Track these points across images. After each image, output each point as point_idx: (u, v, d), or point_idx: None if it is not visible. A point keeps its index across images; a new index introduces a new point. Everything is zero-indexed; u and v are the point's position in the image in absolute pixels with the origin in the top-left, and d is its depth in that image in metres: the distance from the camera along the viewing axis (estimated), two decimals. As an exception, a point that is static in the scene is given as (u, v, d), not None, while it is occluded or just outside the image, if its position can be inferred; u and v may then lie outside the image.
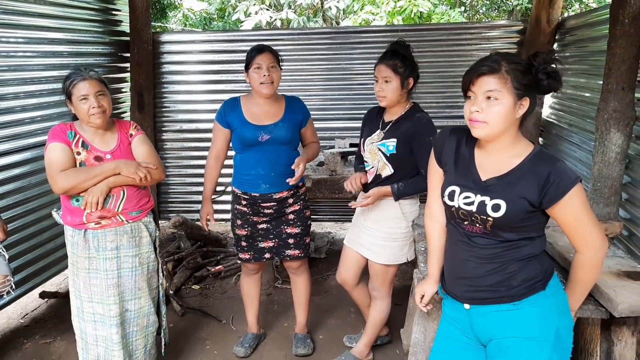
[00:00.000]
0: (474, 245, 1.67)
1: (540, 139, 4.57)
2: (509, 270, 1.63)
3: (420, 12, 8.07)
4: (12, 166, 3.48)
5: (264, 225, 2.92)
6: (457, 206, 1.67)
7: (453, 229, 1.75)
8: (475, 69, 1.58)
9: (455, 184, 1.70)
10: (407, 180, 2.61)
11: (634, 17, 2.60)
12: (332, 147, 4.49)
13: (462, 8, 10.74)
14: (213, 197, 2.98)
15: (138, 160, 2.51)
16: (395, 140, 2.60)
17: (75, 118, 2.51)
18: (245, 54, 2.83)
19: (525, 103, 1.56)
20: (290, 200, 2.90)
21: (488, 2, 10.63)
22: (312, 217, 5.03)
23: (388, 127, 2.65)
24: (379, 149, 2.65)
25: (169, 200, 5.28)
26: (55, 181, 2.34)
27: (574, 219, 1.57)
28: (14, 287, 2.63)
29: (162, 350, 2.80)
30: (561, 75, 1.57)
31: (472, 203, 1.63)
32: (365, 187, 2.75)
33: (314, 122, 3.05)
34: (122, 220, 2.45)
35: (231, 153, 2.93)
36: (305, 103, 3.01)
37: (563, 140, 4.05)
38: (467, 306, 1.72)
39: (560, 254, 2.16)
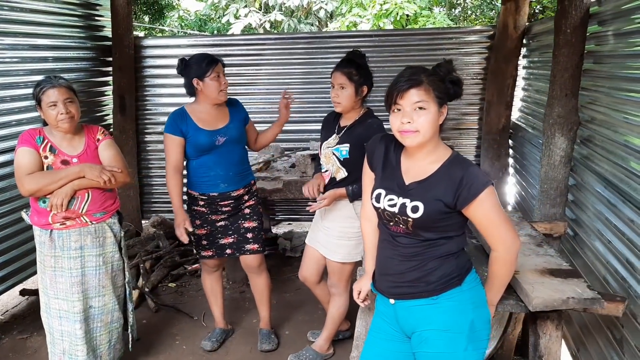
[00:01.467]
0: (398, 244, 1.80)
1: (510, 141, 4.69)
2: (427, 267, 1.75)
3: (407, 14, 8.19)
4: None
5: (222, 223, 3.05)
6: (382, 208, 1.79)
7: (381, 229, 1.88)
8: (400, 84, 1.70)
9: (381, 187, 1.83)
10: (360, 182, 2.74)
11: (575, 27, 2.73)
12: (307, 148, 4.62)
13: (454, 10, 10.86)
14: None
15: (104, 163, 2.64)
16: (348, 145, 2.73)
17: (45, 123, 2.64)
18: (227, 58, 3.00)
19: (445, 110, 1.70)
20: (246, 197, 3.05)
21: (479, 2, 10.76)
22: (288, 216, 5.19)
23: (343, 132, 2.79)
24: (333, 154, 2.78)
25: (151, 200, 5.42)
26: (22, 184, 2.47)
27: (485, 219, 1.69)
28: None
29: (130, 346, 2.93)
30: (462, 82, 1.71)
31: (395, 205, 1.75)
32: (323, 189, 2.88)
33: (290, 125, 3.19)
34: (86, 222, 2.58)
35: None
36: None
37: (527, 143, 4.17)
38: (392, 301, 1.84)
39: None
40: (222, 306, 3.35)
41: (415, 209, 1.71)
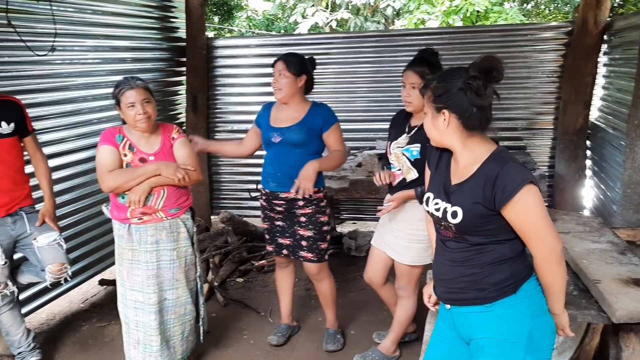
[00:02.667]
0: (447, 249, 1.75)
1: (587, 142, 4.48)
2: (478, 273, 1.68)
3: (477, 11, 7.98)
4: (78, 163, 3.86)
5: (280, 222, 3.08)
6: (430, 212, 1.76)
7: (436, 233, 1.85)
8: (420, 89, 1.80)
9: (430, 190, 1.80)
10: None
11: (666, 23, 2.56)
12: (373, 147, 4.60)
13: (526, 5, 10.48)
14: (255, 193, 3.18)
15: (179, 161, 2.73)
16: (419, 145, 2.67)
17: (124, 122, 2.76)
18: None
19: (445, 115, 1.66)
20: (300, 203, 2.97)
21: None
22: (353, 216, 5.16)
23: (413, 131, 2.74)
24: (404, 154, 2.74)
25: (221, 196, 5.58)
26: (103, 181, 2.60)
27: (521, 221, 1.59)
28: (70, 274, 2.94)
29: (201, 338, 3.02)
30: (482, 86, 1.60)
31: (439, 210, 1.71)
32: (391, 190, 2.85)
33: (357, 124, 3.12)
34: (162, 217, 2.68)
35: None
36: (352, 104, 3.11)
37: (607, 144, 3.96)
38: (448, 306, 1.80)
39: (573, 259, 2.19)
40: (290, 301, 3.39)
41: (454, 215, 1.66)
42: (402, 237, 2.83)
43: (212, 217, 5.52)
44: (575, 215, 2.77)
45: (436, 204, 1.74)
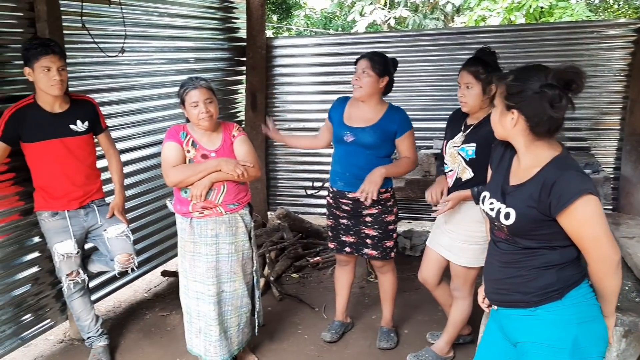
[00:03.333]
0: (498, 250, 1.76)
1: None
2: (524, 275, 1.68)
3: (541, 7, 7.75)
4: (144, 159, 4.04)
5: (344, 221, 3.12)
6: (485, 211, 1.76)
7: (490, 233, 1.84)
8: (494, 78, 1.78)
9: (487, 189, 1.80)
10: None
11: None
12: (430, 147, 4.57)
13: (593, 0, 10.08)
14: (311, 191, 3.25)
15: (239, 158, 2.82)
16: (474, 144, 2.66)
17: (188, 120, 2.88)
18: (353, 56, 3.06)
19: (514, 115, 1.63)
20: (367, 203, 2.96)
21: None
22: (408, 215, 5.14)
23: (469, 130, 2.73)
24: (459, 154, 2.73)
25: (277, 193, 5.69)
26: (167, 175, 2.73)
27: (577, 231, 1.58)
28: (137, 264, 3.10)
29: (256, 330, 3.11)
30: (558, 97, 1.56)
31: (493, 209, 1.71)
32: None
33: (415, 123, 3.06)
34: (221, 212, 2.78)
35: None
36: (409, 103, 3.10)
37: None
38: (494, 307, 1.80)
39: (637, 265, 2.12)
40: (346, 299, 3.44)
41: (507, 216, 1.66)
42: (458, 238, 2.82)
43: (268, 213, 5.64)
44: (641, 219, 2.68)
45: (491, 203, 1.74)
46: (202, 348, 2.92)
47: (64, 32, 3.20)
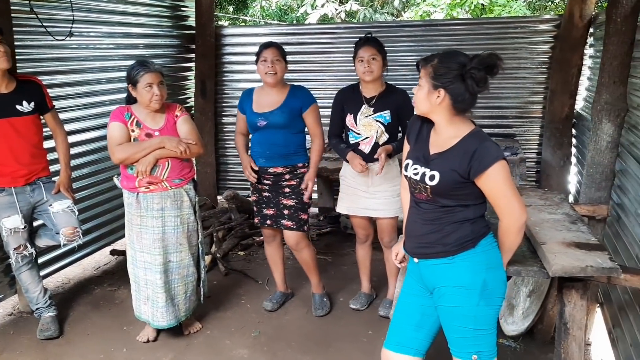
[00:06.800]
0: (420, 209, 2.02)
1: (573, 130, 4.70)
2: (445, 230, 1.96)
3: (482, 4, 8.15)
4: (92, 141, 4.17)
5: (266, 194, 3.36)
6: (409, 176, 2.03)
7: (410, 197, 2.11)
8: (419, 60, 1.97)
9: (410, 157, 2.06)
10: (400, 141, 3.14)
11: (625, 16, 2.79)
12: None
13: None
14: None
15: (182, 137, 3.01)
16: (388, 111, 3.10)
17: (128, 101, 3.04)
18: (302, 47, 3.29)
19: (440, 94, 1.88)
20: (287, 176, 3.28)
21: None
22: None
23: (374, 101, 3.11)
24: (377, 120, 3.10)
25: (227, 177, 5.89)
26: (113, 153, 2.90)
27: (494, 191, 1.87)
28: (81, 237, 3.25)
29: (202, 299, 3.33)
30: (482, 80, 1.83)
31: (417, 174, 1.98)
32: (365, 158, 3.17)
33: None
34: (167, 187, 2.98)
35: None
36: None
37: (588, 132, 4.17)
38: (416, 260, 2.07)
39: (528, 226, 2.43)
40: (282, 272, 3.68)
41: (432, 178, 1.92)
42: (385, 195, 3.20)
43: (218, 197, 5.83)
44: (541, 191, 3.02)
45: (415, 168, 2.00)
46: (149, 314, 3.12)
47: (12, 15, 3.30)
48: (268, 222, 3.41)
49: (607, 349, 3.02)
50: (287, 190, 3.32)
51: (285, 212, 3.34)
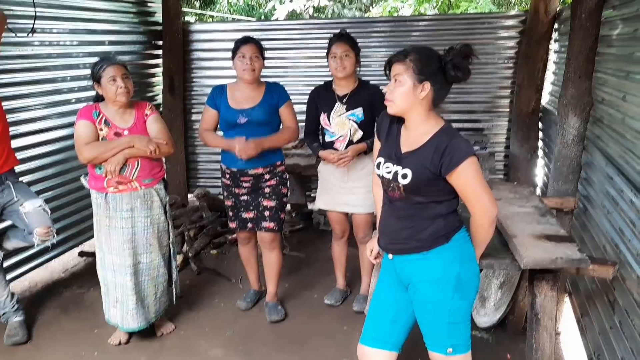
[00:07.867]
0: (394, 207, 2.04)
1: (540, 124, 4.79)
2: (418, 226, 1.98)
3: (449, 0, 8.24)
4: (58, 140, 4.07)
5: (245, 197, 3.28)
6: (381, 175, 2.03)
7: (383, 195, 2.12)
8: (390, 57, 1.95)
9: (382, 155, 2.06)
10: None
11: (590, 12, 2.86)
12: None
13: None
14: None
15: (152, 136, 2.96)
16: (361, 108, 3.09)
17: (96, 100, 2.97)
18: (271, 42, 3.23)
19: (425, 87, 1.87)
20: (267, 176, 3.21)
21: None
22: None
23: (347, 98, 3.10)
24: (350, 119, 3.10)
25: (197, 175, 5.82)
26: (80, 152, 2.84)
27: (465, 187, 1.89)
28: (55, 236, 3.15)
29: (174, 300, 3.28)
30: (465, 68, 1.86)
31: (390, 172, 1.99)
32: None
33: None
34: (136, 187, 2.92)
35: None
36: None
37: (554, 125, 4.27)
38: (390, 256, 2.09)
39: (499, 220, 2.47)
40: (256, 271, 3.65)
41: (404, 176, 1.93)
42: (361, 190, 3.21)
43: (188, 195, 5.76)
44: (510, 185, 3.08)
45: (387, 167, 2.00)
46: (119, 317, 3.06)
47: (-29, 11, 3.18)
48: (249, 225, 3.34)
49: (576, 337, 3.10)
50: (267, 190, 3.26)
51: (267, 213, 3.28)
